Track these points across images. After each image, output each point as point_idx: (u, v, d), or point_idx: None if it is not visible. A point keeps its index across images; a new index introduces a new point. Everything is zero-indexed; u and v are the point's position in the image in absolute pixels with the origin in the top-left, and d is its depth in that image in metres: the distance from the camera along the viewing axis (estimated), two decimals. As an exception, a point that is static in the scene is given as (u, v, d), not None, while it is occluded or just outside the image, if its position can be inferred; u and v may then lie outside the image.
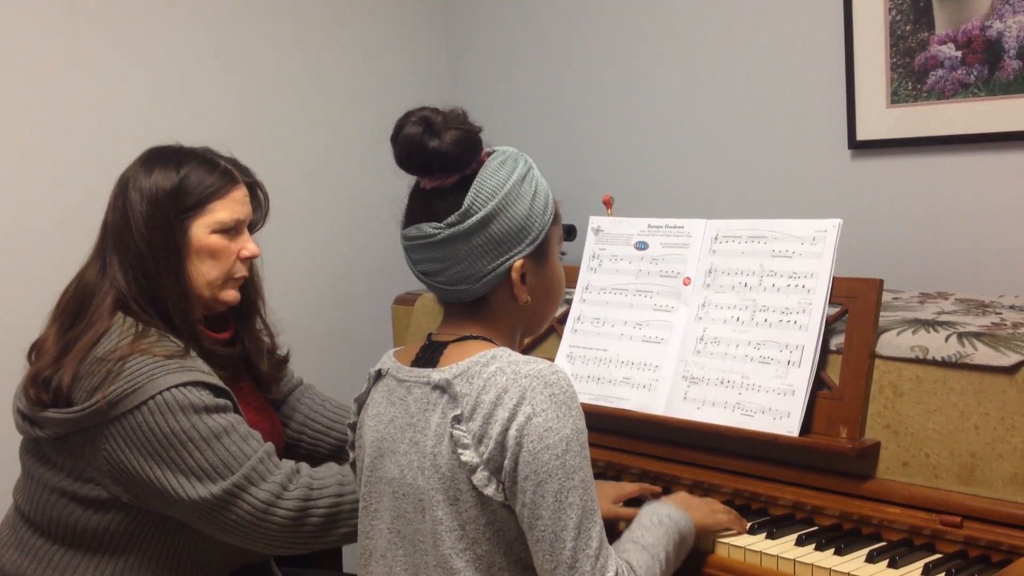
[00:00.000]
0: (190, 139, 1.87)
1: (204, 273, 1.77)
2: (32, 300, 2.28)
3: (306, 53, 2.90)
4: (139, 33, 2.58)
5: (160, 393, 1.63)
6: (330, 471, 1.75)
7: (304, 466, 1.74)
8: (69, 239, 2.32)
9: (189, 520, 1.69)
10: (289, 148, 2.83)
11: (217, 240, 1.77)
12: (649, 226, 2.00)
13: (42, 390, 1.68)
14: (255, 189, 1.88)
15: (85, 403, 1.64)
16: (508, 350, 1.40)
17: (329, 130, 2.95)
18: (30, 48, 2.42)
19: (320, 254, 2.94)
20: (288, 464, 1.72)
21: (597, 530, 1.33)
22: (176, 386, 1.64)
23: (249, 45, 2.78)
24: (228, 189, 1.79)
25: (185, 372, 1.67)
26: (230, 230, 1.78)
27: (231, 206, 1.78)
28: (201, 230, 1.76)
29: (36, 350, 1.77)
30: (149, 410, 1.63)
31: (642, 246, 1.99)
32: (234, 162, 1.85)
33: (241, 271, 1.82)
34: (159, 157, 1.79)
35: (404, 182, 1.48)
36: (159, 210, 1.73)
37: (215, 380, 1.71)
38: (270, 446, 1.71)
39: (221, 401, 1.69)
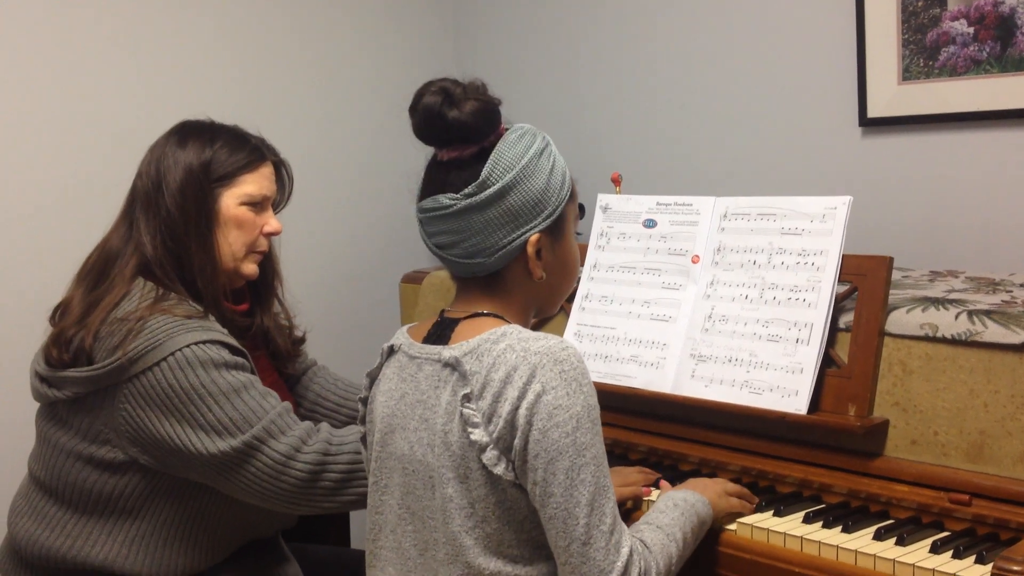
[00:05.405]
0: (199, 117, 1.88)
1: (230, 243, 1.81)
2: (36, 284, 2.28)
3: (312, 30, 2.89)
4: (147, 7, 2.57)
5: (180, 350, 1.65)
6: (350, 431, 1.76)
7: (325, 425, 1.76)
8: (68, 237, 2.33)
9: (207, 478, 1.70)
10: (294, 129, 2.82)
11: (245, 212, 1.81)
12: (658, 204, 1.99)
13: (64, 349, 1.70)
14: (281, 169, 1.92)
15: (105, 361, 1.66)
16: (519, 327, 1.39)
17: (334, 111, 2.93)
18: (35, 36, 2.41)
19: (327, 232, 2.94)
20: (307, 422, 1.74)
21: (611, 506, 1.33)
22: (195, 343, 1.67)
23: (256, 25, 2.77)
24: (257, 164, 1.84)
25: (204, 331, 1.69)
26: (257, 204, 1.83)
27: (259, 180, 1.83)
28: (231, 200, 1.80)
29: (62, 309, 1.79)
30: (168, 366, 1.65)
31: (650, 224, 1.99)
32: (262, 140, 1.89)
33: (263, 245, 1.87)
34: (192, 130, 1.83)
35: (411, 159, 1.47)
36: (192, 178, 1.77)
37: (232, 341, 1.73)
38: (288, 404, 1.73)
39: (239, 359, 1.71)
